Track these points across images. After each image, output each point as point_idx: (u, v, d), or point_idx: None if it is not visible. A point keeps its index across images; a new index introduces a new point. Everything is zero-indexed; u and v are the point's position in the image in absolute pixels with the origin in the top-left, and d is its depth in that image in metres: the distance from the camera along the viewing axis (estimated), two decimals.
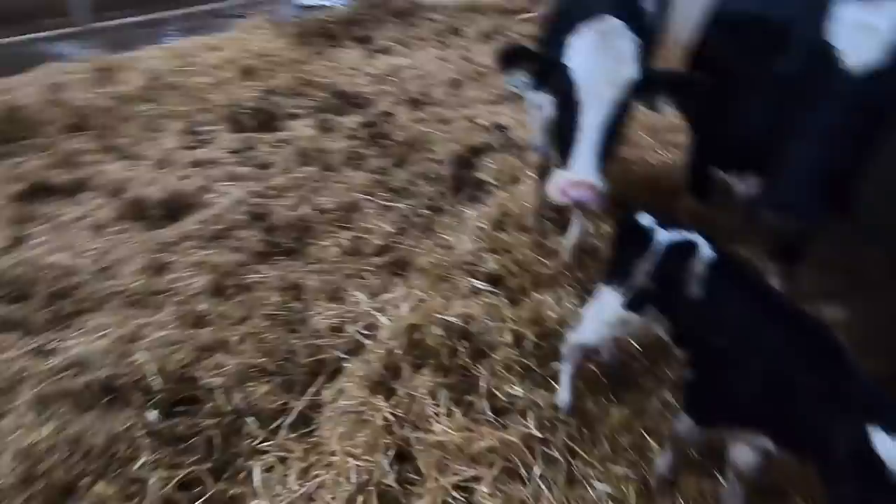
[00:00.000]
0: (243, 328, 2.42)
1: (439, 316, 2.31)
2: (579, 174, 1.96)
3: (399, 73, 6.43)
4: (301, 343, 2.34)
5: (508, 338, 2.40)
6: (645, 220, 1.97)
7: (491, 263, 2.93)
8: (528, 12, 11.62)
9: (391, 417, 1.93)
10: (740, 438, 1.77)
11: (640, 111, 2.27)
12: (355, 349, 2.31)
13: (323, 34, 7.99)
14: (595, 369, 2.44)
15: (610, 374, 2.43)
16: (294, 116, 4.92)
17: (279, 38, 7.53)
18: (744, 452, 1.80)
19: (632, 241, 1.94)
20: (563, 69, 2.02)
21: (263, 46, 6.91)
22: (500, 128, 4.88)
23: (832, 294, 2.77)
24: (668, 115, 4.03)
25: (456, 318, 2.33)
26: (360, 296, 2.63)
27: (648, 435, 2.15)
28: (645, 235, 1.89)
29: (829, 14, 1.61)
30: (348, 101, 5.41)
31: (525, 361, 2.34)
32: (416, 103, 5.56)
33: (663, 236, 1.86)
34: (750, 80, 1.94)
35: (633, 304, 1.91)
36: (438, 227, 3.39)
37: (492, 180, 3.96)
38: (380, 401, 1.99)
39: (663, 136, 4.76)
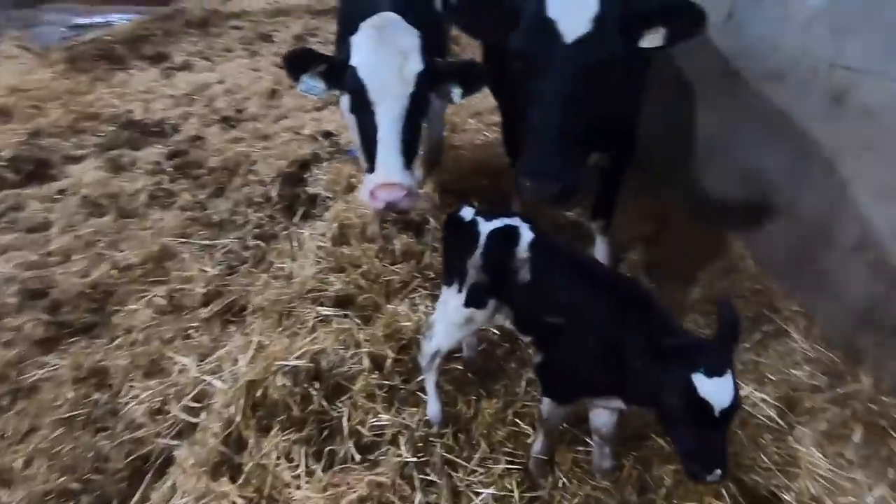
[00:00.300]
0: (29, 445, 1.89)
1: (281, 363, 2.03)
2: (385, 176, 1.91)
3: (205, 91, 5.76)
4: (113, 443, 1.89)
5: (366, 363, 2.22)
6: (467, 213, 1.95)
7: (337, 284, 2.71)
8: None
9: (241, 501, 1.64)
10: (598, 404, 1.84)
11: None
12: (185, 430, 1.93)
13: (103, 56, 6.85)
14: (460, 367, 2.39)
15: (475, 368, 2.40)
16: (74, 159, 4.09)
17: (43, 67, 6.28)
18: (601, 415, 1.88)
19: (459, 237, 1.91)
20: (350, 70, 1.92)
21: (21, 79, 5.71)
22: (328, 135, 4.62)
23: (643, 238, 3.09)
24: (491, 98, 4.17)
25: (301, 359, 2.08)
26: (187, 361, 2.23)
27: (521, 420, 2.16)
28: (470, 229, 1.87)
29: None
30: (145, 131, 4.68)
31: (388, 383, 2.19)
32: (229, 122, 5.02)
33: (485, 226, 1.86)
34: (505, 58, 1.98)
35: (474, 300, 1.87)
36: (273, 256, 3.05)
37: (326, 193, 3.71)
38: (224, 485, 1.67)
39: (487, 118, 4.95)
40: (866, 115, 2.04)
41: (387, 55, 1.89)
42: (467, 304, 1.87)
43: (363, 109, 1.95)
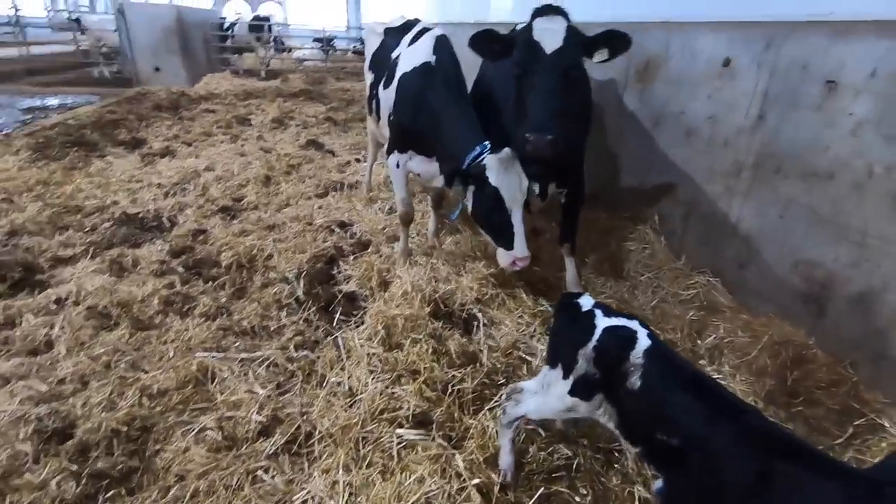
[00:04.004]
0: None
1: None
2: (523, 252, 2.82)
3: (195, 179, 5.50)
4: None
5: (477, 498, 1.97)
6: (586, 302, 1.92)
7: (410, 399, 2.46)
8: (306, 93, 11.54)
9: None
10: None
11: None
12: None
13: (75, 142, 6.48)
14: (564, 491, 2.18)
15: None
16: (66, 261, 3.69)
17: (6, 156, 5.83)
18: None
19: (572, 323, 1.87)
20: (491, 188, 2.79)
21: None
22: (343, 225, 4.46)
23: (693, 328, 3.14)
24: None
25: None
26: None
27: None
28: (586, 319, 1.84)
29: (531, 25, 2.79)
30: (141, 225, 4.34)
31: None
32: (229, 212, 4.77)
33: (602, 321, 1.82)
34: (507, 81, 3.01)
35: (581, 391, 1.81)
36: (324, 367, 2.77)
37: (360, 290, 3.50)
38: None
39: None
40: None
41: (513, 179, 2.79)
42: (573, 392, 1.81)
43: (500, 210, 2.82)
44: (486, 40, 2.94)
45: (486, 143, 2.93)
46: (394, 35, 4.05)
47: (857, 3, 2.60)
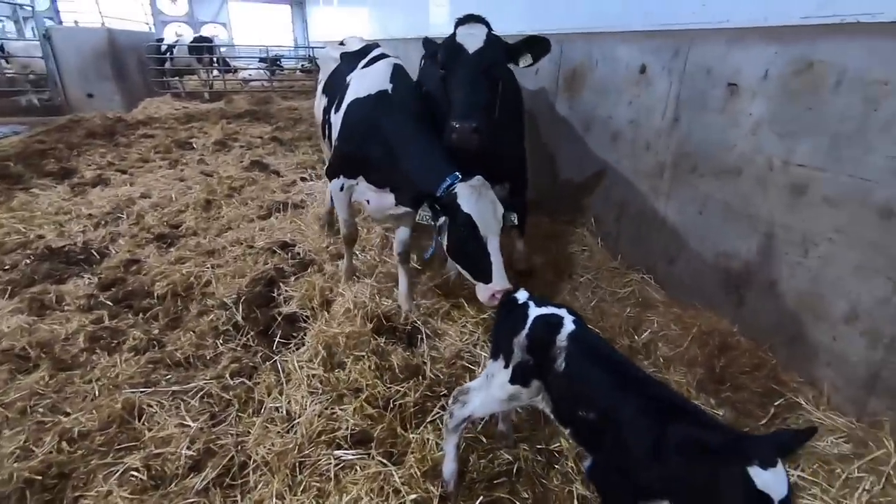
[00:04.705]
0: None
1: None
2: (503, 284, 2.52)
3: (130, 207, 5.29)
4: None
5: None
6: (521, 296, 2.02)
7: (349, 418, 2.43)
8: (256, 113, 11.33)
9: None
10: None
11: None
12: None
13: None
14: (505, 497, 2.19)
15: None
16: None
17: None
18: None
19: (510, 316, 1.96)
20: (464, 215, 2.56)
21: None
22: (285, 246, 4.38)
23: (630, 324, 3.24)
24: None
25: None
26: None
27: None
28: (521, 310, 1.93)
29: (455, 33, 2.95)
30: (67, 259, 4.12)
31: None
32: (165, 239, 4.60)
33: (534, 311, 1.91)
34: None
35: (519, 378, 1.89)
36: (262, 393, 2.70)
37: (299, 311, 3.44)
38: None
39: None
40: (830, 204, 2.36)
41: (487, 205, 2.58)
42: (513, 381, 1.90)
43: (475, 240, 2.57)
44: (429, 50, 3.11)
45: (457, 173, 2.74)
46: (348, 61, 3.94)
47: (749, 11, 2.79)
